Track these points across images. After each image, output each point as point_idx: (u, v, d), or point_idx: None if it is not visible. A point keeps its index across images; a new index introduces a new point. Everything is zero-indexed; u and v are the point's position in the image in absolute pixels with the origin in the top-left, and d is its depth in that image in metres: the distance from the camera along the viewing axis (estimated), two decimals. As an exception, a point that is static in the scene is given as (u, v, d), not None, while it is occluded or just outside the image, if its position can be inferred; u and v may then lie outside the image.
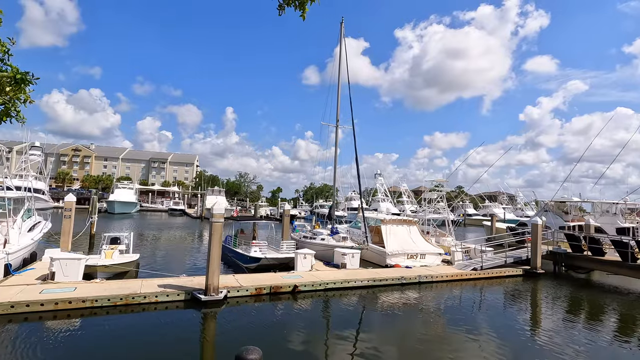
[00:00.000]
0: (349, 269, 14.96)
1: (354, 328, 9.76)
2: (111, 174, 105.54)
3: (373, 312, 11.37)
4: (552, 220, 28.85)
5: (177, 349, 7.66)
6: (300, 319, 10.11)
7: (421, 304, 12.14)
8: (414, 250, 17.79)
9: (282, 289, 11.60)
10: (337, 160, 20.14)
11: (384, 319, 10.63)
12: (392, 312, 11.28)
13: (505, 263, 17.01)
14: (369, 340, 8.83)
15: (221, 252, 10.87)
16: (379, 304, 12.07)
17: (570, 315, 11.79)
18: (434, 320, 10.50)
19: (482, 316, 11.23)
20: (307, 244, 18.97)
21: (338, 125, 19.56)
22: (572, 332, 9.70)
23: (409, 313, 11.10)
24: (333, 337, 8.92)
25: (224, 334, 8.93)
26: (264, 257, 14.51)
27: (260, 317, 10.20)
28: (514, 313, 11.84)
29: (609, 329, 10.36)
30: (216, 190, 58.65)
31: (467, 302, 12.95)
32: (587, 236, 17.45)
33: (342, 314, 11.05)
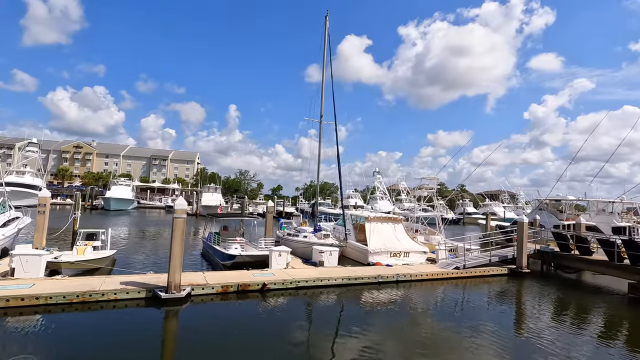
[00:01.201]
0: (327, 267, 14.66)
1: (321, 327, 9.47)
2: (112, 171, 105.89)
3: (344, 311, 11.06)
4: (546, 219, 28.34)
5: (132, 348, 7.41)
6: (265, 318, 9.82)
7: (396, 304, 11.80)
8: (397, 248, 17.45)
9: (250, 287, 11.32)
10: (320, 157, 19.80)
11: (355, 319, 10.29)
12: (364, 312, 10.98)
13: (490, 262, 16.60)
14: (334, 340, 8.54)
15: (204, 248, 10.60)
16: (352, 303, 11.76)
17: (550, 316, 11.40)
18: (407, 320, 10.17)
19: (459, 316, 10.88)
20: (290, 242, 18.72)
21: (322, 122, 19.21)
22: (550, 334, 9.32)
23: (382, 313, 10.76)
24: (297, 336, 8.62)
25: (185, 333, 8.66)
26: (239, 255, 14.25)
27: (224, 315, 9.95)
28: (491, 312, 11.50)
29: (589, 330, 9.95)
30: (212, 188, 58.52)
31: (444, 302, 12.62)
32: (575, 235, 16.99)
33: (311, 313, 10.77)
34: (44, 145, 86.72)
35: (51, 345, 7.29)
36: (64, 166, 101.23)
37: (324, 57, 18.76)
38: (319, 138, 19.39)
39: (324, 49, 18.82)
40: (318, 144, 19.38)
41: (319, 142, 19.47)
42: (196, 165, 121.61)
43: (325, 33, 18.96)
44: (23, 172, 46.38)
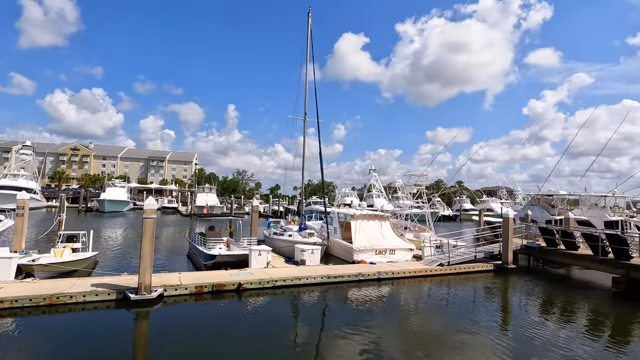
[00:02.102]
0: (308, 265, 14.53)
1: (296, 326, 9.35)
2: (110, 172, 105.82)
3: (322, 310, 10.97)
4: (538, 215, 28.22)
5: (99, 351, 7.30)
6: (239, 318, 9.71)
7: (376, 302, 11.69)
8: (383, 246, 17.32)
9: (225, 287, 11.20)
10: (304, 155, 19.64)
11: (332, 317, 10.24)
12: (342, 310, 10.90)
13: (475, 258, 16.45)
14: (309, 339, 8.43)
15: (190, 249, 10.45)
16: (330, 302, 11.66)
17: (534, 311, 11.32)
18: (387, 317, 10.05)
19: (440, 313, 10.83)
20: (275, 241, 18.63)
21: (306, 119, 19.05)
22: (533, 330, 9.22)
23: (361, 310, 10.64)
24: (270, 336, 8.51)
25: (155, 335, 8.58)
26: (219, 255, 14.13)
27: (196, 316, 9.81)
28: (473, 309, 11.41)
29: (572, 325, 9.81)
30: (207, 188, 58.38)
31: (426, 299, 12.53)
32: (560, 230, 16.84)
33: (287, 312, 10.66)
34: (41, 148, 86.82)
35: (13, 349, 7.18)
36: (61, 169, 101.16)
37: (307, 54, 18.60)
38: (303, 136, 19.26)
39: (307, 46, 18.66)
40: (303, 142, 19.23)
41: (303, 139, 19.35)
42: (194, 165, 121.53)
43: (308, 30, 18.80)
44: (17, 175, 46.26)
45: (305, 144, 19.46)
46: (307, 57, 18.63)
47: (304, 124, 19.21)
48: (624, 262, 13.30)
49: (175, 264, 16.83)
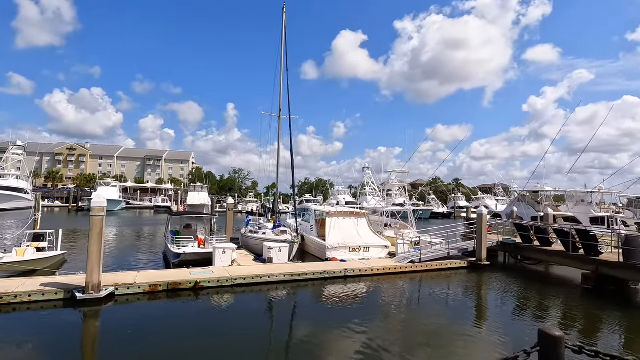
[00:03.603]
0: (275, 263, 14.34)
1: (249, 325, 9.06)
2: (107, 172, 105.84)
3: (279, 308, 10.74)
4: (524, 211, 27.96)
5: (42, 352, 7.13)
6: (193, 317, 9.48)
7: (339, 299, 11.51)
8: (357, 243, 17.12)
9: (181, 285, 11.02)
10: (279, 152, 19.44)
11: (288, 316, 10.07)
12: (301, 309, 10.71)
13: (449, 255, 16.25)
14: (264, 338, 8.24)
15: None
16: (290, 300, 11.47)
17: (501, 308, 11.16)
18: (346, 316, 9.83)
19: (404, 310, 10.64)
20: (249, 239, 18.47)
21: (280, 116, 18.84)
22: (500, 327, 9.07)
23: (321, 309, 10.51)
24: (222, 334, 8.33)
25: (102, 335, 8.38)
26: (183, 253, 13.98)
27: (148, 316, 9.63)
28: (437, 306, 11.22)
29: (538, 322, 9.62)
30: (198, 187, 58.23)
31: (389, 296, 12.31)
32: (534, 226, 16.61)
33: (242, 310, 10.41)
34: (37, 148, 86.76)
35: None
36: (56, 168, 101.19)
37: (281, 51, 18.37)
38: (278, 134, 19.05)
39: (281, 42, 18.42)
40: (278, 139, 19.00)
41: (278, 137, 19.13)
42: (191, 164, 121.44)
43: (282, 26, 18.55)
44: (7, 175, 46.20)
45: (279, 140, 19.27)
46: (281, 53, 18.40)
47: (279, 120, 19.01)
48: (593, 258, 13.09)
49: (149, 262, 16.68)
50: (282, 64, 18.12)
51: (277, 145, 16.85)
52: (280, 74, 18.37)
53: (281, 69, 18.08)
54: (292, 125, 16.18)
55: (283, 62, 18.05)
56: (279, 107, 18.68)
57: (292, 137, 16.77)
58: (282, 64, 18.06)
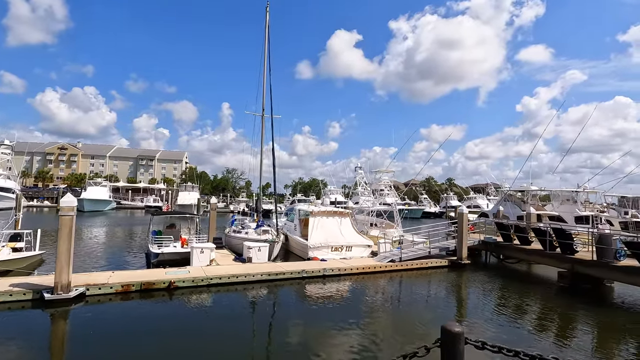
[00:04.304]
0: (255, 262, 14.31)
1: (221, 325, 9.02)
2: (99, 172, 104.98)
3: (255, 308, 10.68)
4: (510, 210, 28.16)
5: (8, 353, 7.02)
6: (165, 317, 9.42)
7: (316, 299, 11.56)
8: (339, 242, 17.13)
9: (155, 285, 10.95)
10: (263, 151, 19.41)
11: (265, 315, 10.05)
12: (277, 308, 10.71)
13: (430, 254, 16.31)
14: (237, 338, 8.19)
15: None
16: (266, 299, 11.43)
17: (479, 307, 11.21)
18: (321, 315, 9.86)
19: (380, 309, 10.65)
20: (232, 239, 18.43)
21: (264, 115, 18.80)
22: (478, 325, 9.11)
23: (299, 309, 10.54)
24: (194, 335, 8.26)
25: (71, 335, 8.29)
26: (161, 253, 13.90)
27: (120, 316, 9.54)
28: (414, 305, 11.30)
29: (515, 320, 9.67)
30: (189, 187, 57.98)
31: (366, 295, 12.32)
32: (514, 225, 16.73)
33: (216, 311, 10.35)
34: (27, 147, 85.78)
35: None
36: (47, 168, 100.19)
37: (265, 49, 18.32)
38: (261, 132, 19.01)
39: (265, 41, 18.38)
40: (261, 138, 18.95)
41: (262, 135, 19.09)
42: (184, 164, 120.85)
43: (265, 25, 18.50)
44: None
45: (262, 140, 19.24)
46: (264, 52, 18.35)
47: (262, 119, 18.97)
48: (569, 256, 13.21)
49: (130, 262, 16.55)
50: (265, 63, 18.11)
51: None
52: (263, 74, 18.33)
53: (264, 68, 18.07)
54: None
55: (266, 61, 18.03)
56: (262, 107, 18.66)
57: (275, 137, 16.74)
58: (265, 63, 18.03)
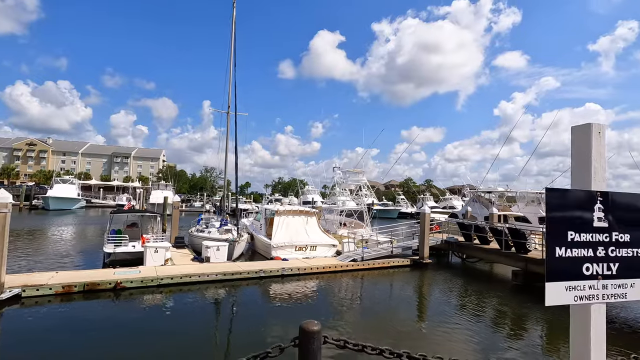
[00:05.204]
0: (213, 262, 13.99)
1: (169, 327, 8.71)
2: (70, 169, 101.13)
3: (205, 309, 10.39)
4: (478, 211, 28.79)
5: None
6: (109, 319, 9.01)
7: (270, 298, 11.42)
8: (303, 241, 17.01)
9: (99, 286, 10.50)
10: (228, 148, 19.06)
11: (215, 316, 9.79)
12: (229, 309, 10.49)
13: (392, 253, 16.40)
14: (185, 340, 7.88)
15: None
16: (218, 300, 11.16)
17: (434, 305, 11.34)
18: (276, 315, 9.73)
19: (334, 309, 10.59)
20: (195, 238, 18.00)
21: (229, 112, 18.47)
22: (429, 323, 9.14)
23: (252, 309, 10.35)
24: (138, 338, 7.95)
25: (2, 339, 7.82)
26: (114, 252, 13.39)
27: (55, 318, 9.08)
28: (367, 304, 11.29)
29: (467, 318, 9.76)
30: (162, 185, 56.52)
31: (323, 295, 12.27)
32: (474, 225, 17.07)
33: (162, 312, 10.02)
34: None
35: None
36: (14, 164, 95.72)
37: (231, 45, 17.98)
38: (227, 129, 18.67)
39: (231, 37, 18.05)
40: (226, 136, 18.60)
41: (227, 133, 18.75)
42: (162, 162, 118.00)
43: (232, 22, 18.17)
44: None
45: (227, 138, 18.89)
46: (231, 48, 18.01)
47: (227, 117, 18.61)
48: (522, 255, 13.53)
49: (85, 262, 15.87)
50: (231, 59, 17.76)
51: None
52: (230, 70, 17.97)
53: (230, 64, 17.72)
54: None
55: (232, 57, 17.69)
56: (228, 104, 18.31)
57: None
58: (232, 59, 17.69)
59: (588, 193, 1.50)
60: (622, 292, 1.54)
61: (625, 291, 1.55)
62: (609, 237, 1.54)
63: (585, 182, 1.51)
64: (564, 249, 1.48)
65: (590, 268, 1.51)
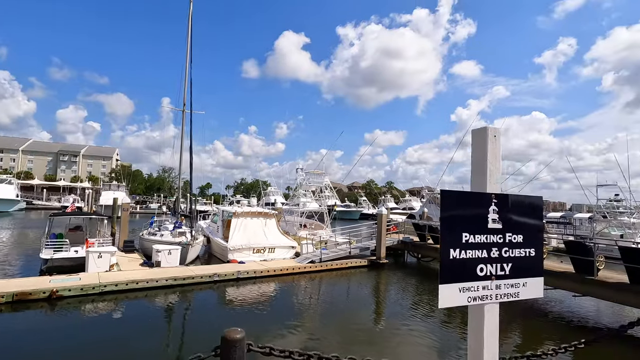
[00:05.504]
0: (164, 267, 13.34)
1: (112, 337, 8.08)
2: (8, 168, 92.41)
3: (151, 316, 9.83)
4: (434, 212, 29.98)
5: None
6: (42, 332, 8.23)
7: (224, 303, 11.12)
8: (262, 244, 16.72)
9: (32, 295, 9.61)
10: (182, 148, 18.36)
11: (164, 323, 9.29)
12: (180, 315, 10.05)
13: (350, 254, 16.60)
14: (127, 349, 7.34)
15: None
16: (166, 306, 10.64)
17: (387, 303, 11.51)
18: (229, 319, 9.41)
19: (289, 311, 10.45)
20: (145, 241, 17.12)
21: (184, 110, 17.78)
22: (380, 322, 9.16)
23: (205, 314, 9.95)
24: (74, 351, 7.28)
25: None
26: (51, 258, 12.36)
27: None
28: (326, 306, 11.27)
29: (416, 315, 9.99)
30: (114, 185, 53.40)
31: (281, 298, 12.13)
32: (427, 225, 17.75)
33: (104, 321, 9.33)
34: None
35: None
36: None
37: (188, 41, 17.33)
38: (182, 127, 17.96)
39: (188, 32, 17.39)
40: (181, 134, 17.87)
41: (182, 131, 18.05)
42: (115, 161, 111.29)
43: (189, 15, 17.53)
44: None
45: (182, 136, 18.18)
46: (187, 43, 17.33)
47: (182, 114, 17.90)
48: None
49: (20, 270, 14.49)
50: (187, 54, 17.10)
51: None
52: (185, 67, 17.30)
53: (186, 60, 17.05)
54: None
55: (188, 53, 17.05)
56: (184, 102, 17.60)
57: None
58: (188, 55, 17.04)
59: (483, 195, 1.55)
60: (515, 291, 1.62)
61: (518, 290, 1.63)
62: (502, 238, 1.60)
63: (481, 185, 1.57)
64: (459, 251, 1.51)
65: (485, 269, 1.56)
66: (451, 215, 1.53)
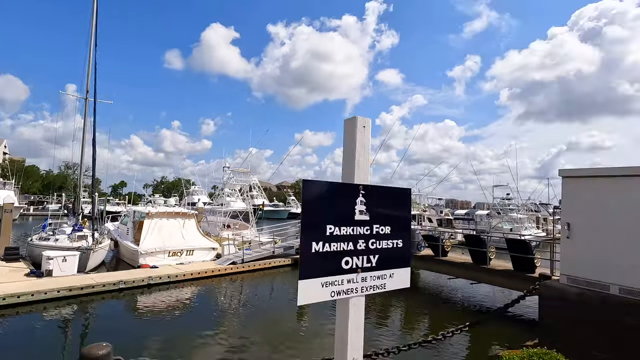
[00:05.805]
0: (57, 276, 11.62)
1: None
2: None
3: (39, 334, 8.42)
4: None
5: None
6: None
7: (129, 314, 10.09)
8: (178, 246, 15.62)
9: None
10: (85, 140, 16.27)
11: (57, 341, 7.96)
12: (77, 331, 8.77)
13: (274, 254, 16.41)
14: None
15: None
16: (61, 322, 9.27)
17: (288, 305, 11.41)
18: (140, 332, 8.46)
19: (207, 316, 9.90)
20: (36, 248, 14.78)
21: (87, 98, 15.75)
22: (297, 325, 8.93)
23: (107, 328, 8.87)
24: None
25: None
26: None
27: None
28: (249, 308, 10.91)
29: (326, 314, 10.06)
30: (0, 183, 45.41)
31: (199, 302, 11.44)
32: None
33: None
34: None
35: None
36: None
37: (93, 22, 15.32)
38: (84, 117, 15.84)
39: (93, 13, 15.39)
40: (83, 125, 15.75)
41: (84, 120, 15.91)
42: (1, 154, 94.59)
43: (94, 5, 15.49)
44: None
45: (85, 128, 16.05)
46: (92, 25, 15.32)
47: (85, 103, 15.80)
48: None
49: None
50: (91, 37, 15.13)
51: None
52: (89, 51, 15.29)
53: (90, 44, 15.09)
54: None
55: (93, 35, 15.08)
56: (87, 88, 15.53)
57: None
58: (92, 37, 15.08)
59: (350, 186, 1.54)
60: (382, 282, 1.64)
61: (385, 282, 1.66)
62: (369, 230, 1.61)
63: (350, 176, 1.55)
64: (322, 244, 1.46)
65: (350, 262, 1.55)
66: (314, 207, 1.47)
